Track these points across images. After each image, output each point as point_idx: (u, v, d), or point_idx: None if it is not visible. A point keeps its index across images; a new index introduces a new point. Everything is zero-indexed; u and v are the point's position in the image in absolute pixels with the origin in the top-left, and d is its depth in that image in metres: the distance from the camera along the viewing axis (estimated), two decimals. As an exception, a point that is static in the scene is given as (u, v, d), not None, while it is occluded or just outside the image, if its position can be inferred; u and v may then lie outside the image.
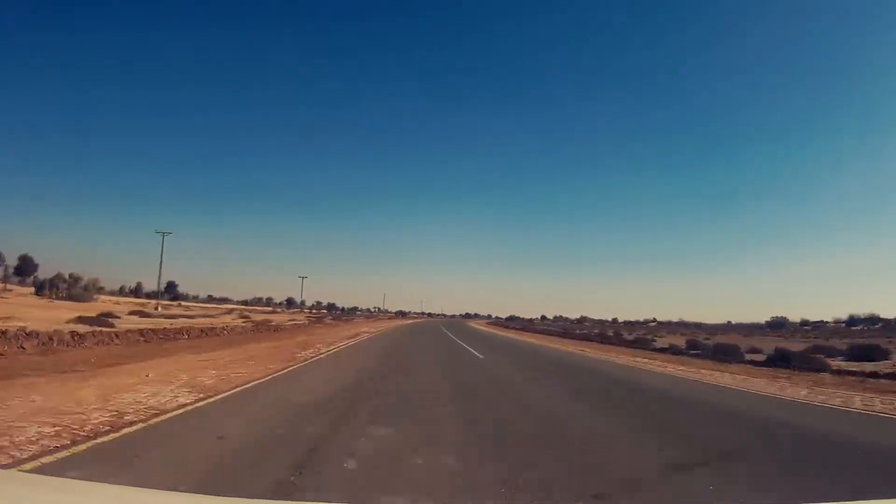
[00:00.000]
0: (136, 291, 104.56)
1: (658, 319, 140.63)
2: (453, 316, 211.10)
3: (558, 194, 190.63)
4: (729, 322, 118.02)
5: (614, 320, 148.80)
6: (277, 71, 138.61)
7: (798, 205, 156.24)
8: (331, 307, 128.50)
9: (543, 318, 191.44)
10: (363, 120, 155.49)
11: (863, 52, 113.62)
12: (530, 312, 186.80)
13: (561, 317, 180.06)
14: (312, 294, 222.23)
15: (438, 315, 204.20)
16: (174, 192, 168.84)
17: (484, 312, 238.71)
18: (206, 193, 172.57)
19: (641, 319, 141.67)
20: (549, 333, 55.24)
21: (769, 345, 25.14)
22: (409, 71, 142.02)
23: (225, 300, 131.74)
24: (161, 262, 60.98)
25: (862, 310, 69.68)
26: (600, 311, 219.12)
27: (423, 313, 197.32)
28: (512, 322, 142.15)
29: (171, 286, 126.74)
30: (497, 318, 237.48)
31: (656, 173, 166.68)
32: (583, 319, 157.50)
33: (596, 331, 57.36)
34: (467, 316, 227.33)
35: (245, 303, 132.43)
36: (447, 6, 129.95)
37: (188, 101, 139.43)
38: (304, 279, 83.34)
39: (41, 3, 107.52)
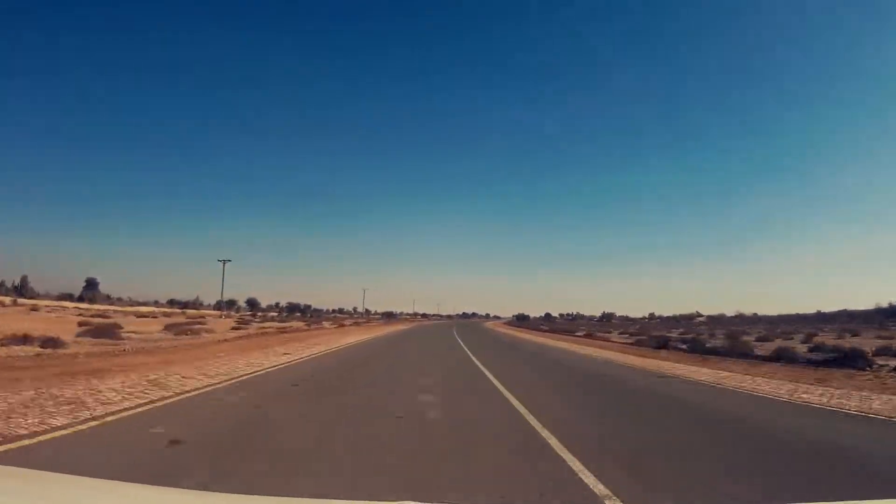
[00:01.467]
0: (20, 289, 76.42)
1: (701, 312, 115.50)
2: (450, 316, 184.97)
3: (560, 190, 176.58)
4: (798, 313, 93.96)
5: (651, 316, 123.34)
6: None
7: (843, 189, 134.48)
8: (292, 308, 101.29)
9: (549, 315, 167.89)
10: (349, 112, 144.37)
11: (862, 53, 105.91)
12: (534, 311, 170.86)
13: (576, 314, 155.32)
14: (279, 295, 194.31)
15: (434, 316, 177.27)
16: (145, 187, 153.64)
17: (482, 311, 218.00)
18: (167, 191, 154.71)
19: (681, 314, 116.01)
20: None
21: None
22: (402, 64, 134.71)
23: (172, 302, 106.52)
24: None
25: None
26: (624, 307, 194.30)
27: (416, 314, 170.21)
28: (524, 322, 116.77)
29: (90, 284, 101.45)
30: (496, 316, 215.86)
31: (672, 163, 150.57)
32: (608, 316, 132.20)
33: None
34: (465, 316, 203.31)
35: (187, 304, 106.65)
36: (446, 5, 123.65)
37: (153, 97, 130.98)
38: (227, 262, 56.69)
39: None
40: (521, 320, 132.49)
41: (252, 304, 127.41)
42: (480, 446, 5.35)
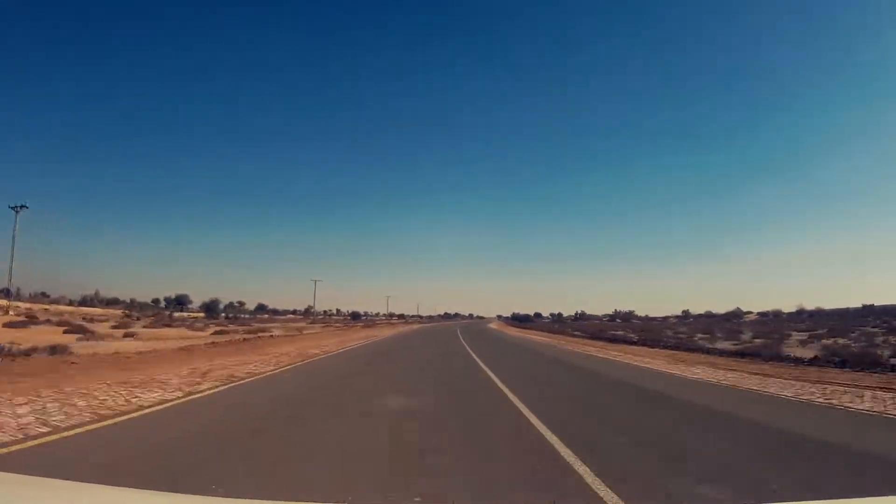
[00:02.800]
0: None
1: (744, 309, 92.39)
2: (431, 318, 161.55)
3: (552, 187, 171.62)
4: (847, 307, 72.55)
5: (685, 314, 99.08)
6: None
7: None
8: (210, 307, 76.98)
9: (539, 314, 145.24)
10: (316, 107, 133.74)
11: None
12: (515, 310, 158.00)
13: (581, 313, 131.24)
14: (239, 294, 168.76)
15: (413, 318, 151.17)
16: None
17: (466, 312, 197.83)
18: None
19: (722, 312, 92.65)
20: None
21: None
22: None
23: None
24: None
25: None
26: (627, 304, 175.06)
27: (392, 315, 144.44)
28: (528, 323, 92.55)
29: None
30: (480, 316, 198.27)
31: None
32: (623, 316, 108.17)
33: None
34: (447, 317, 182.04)
35: (84, 301, 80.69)
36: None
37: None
38: (21, 208, 31.23)
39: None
40: (522, 321, 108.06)
41: (180, 301, 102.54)
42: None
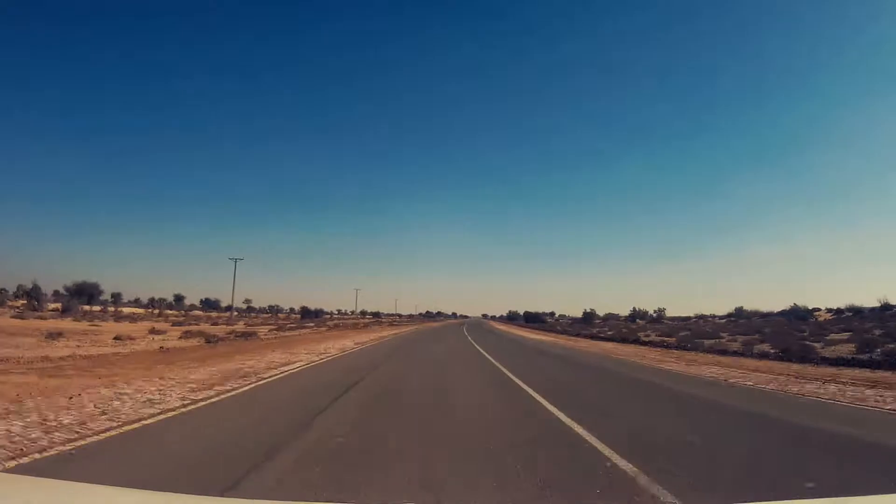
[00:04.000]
0: None
1: (800, 305, 71.02)
2: (411, 316, 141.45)
3: (544, 186, 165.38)
4: None
5: (738, 312, 76.18)
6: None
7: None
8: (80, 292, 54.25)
9: (530, 314, 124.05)
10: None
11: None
12: (501, 308, 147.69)
13: (590, 311, 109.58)
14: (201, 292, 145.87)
15: (389, 317, 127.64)
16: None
17: (449, 311, 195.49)
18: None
19: (776, 310, 71.01)
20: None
21: None
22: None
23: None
24: None
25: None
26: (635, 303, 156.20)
27: (364, 315, 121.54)
28: (537, 325, 70.64)
29: None
30: (464, 315, 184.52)
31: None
32: (657, 317, 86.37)
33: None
34: (429, 315, 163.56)
35: None
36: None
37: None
38: None
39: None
40: (529, 321, 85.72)
41: (86, 291, 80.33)
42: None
